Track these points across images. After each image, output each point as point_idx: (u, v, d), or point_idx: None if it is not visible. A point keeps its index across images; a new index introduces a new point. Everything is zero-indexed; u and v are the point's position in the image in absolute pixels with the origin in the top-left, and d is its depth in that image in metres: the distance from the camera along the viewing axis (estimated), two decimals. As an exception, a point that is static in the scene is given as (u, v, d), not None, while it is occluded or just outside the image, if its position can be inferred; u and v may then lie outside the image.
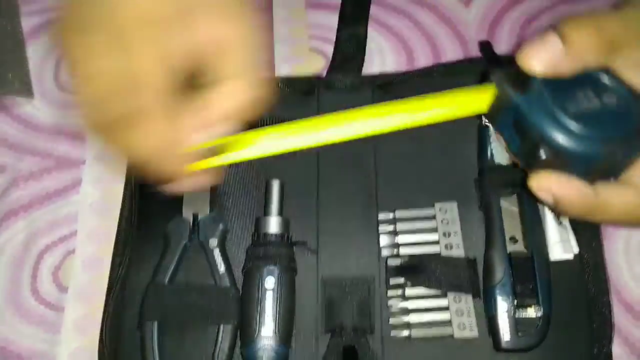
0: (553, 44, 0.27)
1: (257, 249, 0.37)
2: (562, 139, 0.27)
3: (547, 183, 0.29)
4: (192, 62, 0.26)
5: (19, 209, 0.41)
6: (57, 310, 0.38)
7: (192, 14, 0.26)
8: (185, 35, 0.26)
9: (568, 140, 0.27)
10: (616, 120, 0.28)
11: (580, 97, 0.28)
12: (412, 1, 0.48)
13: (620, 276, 0.38)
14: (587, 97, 0.28)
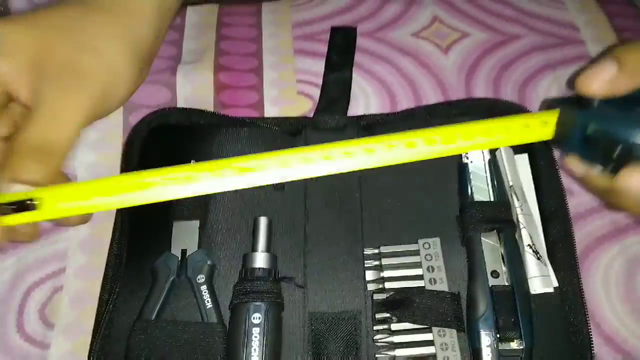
0: (609, 67, 0.31)
1: (244, 284, 0.37)
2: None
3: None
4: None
5: (8, 246, 0.41)
6: (43, 348, 0.38)
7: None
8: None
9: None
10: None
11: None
12: (394, 49, 0.51)
13: (599, 309, 0.39)
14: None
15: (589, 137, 0.32)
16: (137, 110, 0.47)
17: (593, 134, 0.32)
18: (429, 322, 0.37)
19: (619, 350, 0.38)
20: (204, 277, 0.38)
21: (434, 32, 0.52)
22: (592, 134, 0.32)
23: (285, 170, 0.34)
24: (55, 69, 0.35)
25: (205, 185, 0.34)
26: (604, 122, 0.32)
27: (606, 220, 0.42)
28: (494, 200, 0.40)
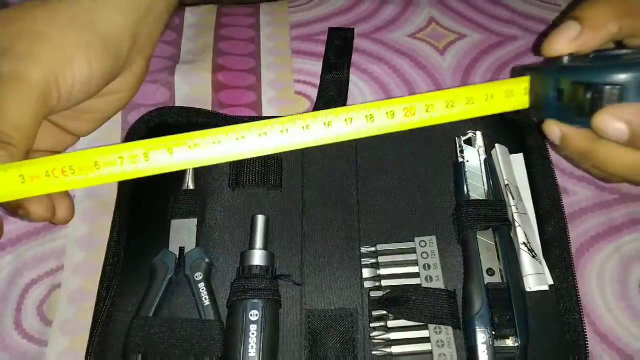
0: (572, 26, 0.31)
1: (242, 282, 0.37)
2: (611, 73, 0.29)
3: (619, 111, 0.29)
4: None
5: (6, 243, 0.41)
6: (40, 344, 0.38)
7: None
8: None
9: (617, 71, 0.29)
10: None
11: (613, 54, 0.31)
12: (391, 50, 0.51)
13: (594, 307, 0.40)
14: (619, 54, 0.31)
15: (561, 93, 0.32)
16: (135, 109, 0.47)
17: (565, 88, 0.32)
18: (425, 319, 0.37)
19: (614, 347, 0.39)
20: (202, 275, 0.38)
21: (430, 33, 0.52)
22: (565, 88, 0.32)
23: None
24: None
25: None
26: (573, 73, 0.31)
27: (601, 219, 0.43)
28: (490, 198, 0.40)
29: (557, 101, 0.33)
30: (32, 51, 0.35)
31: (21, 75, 0.34)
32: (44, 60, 0.35)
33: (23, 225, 0.42)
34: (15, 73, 0.34)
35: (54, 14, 0.37)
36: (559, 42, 0.32)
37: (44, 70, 0.35)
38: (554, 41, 0.32)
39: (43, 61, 0.35)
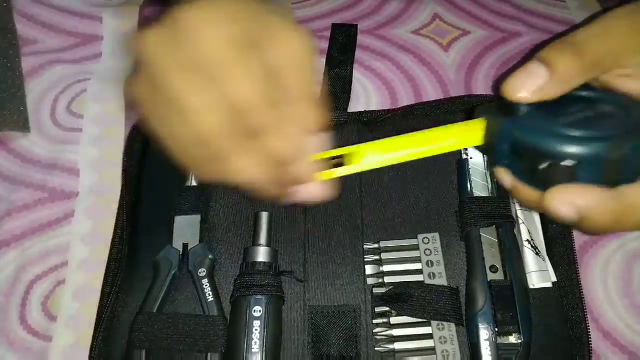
0: (538, 73, 0.28)
1: (245, 278, 0.37)
2: (564, 146, 0.27)
3: (568, 195, 0.27)
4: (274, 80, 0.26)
5: (10, 239, 0.41)
6: (45, 340, 0.38)
7: (269, 32, 0.26)
8: (269, 54, 0.26)
9: (571, 146, 0.26)
10: (614, 120, 0.28)
11: (573, 109, 0.28)
12: (395, 46, 0.51)
13: (597, 304, 0.40)
14: (579, 108, 0.28)
15: (515, 148, 0.29)
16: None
17: (519, 146, 0.29)
18: (428, 316, 0.37)
19: (617, 344, 0.39)
20: (205, 271, 0.38)
21: (434, 29, 0.52)
22: (517, 145, 0.29)
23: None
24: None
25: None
26: (529, 133, 0.28)
27: (605, 216, 0.43)
28: (493, 195, 0.40)
29: (510, 153, 0.29)
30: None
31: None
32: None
33: (27, 222, 0.42)
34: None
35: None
36: (524, 88, 0.28)
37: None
38: (519, 86, 0.28)
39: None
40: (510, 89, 0.28)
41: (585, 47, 0.28)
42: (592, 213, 0.27)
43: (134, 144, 0.43)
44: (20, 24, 0.51)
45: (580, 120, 0.28)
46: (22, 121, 0.46)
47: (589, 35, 0.28)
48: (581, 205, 0.27)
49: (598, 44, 0.28)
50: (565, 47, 0.28)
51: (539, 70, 0.28)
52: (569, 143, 0.27)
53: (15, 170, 0.44)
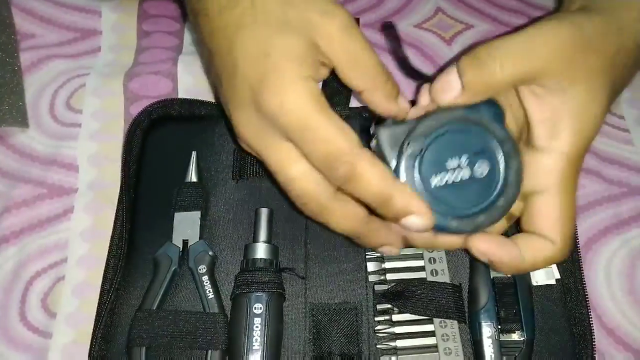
0: (453, 85, 0.30)
1: (246, 275, 0.37)
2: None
3: (484, 246, 0.31)
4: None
5: (10, 235, 0.41)
6: (45, 337, 0.38)
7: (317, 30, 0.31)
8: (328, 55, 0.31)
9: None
10: (476, 193, 0.30)
11: (452, 165, 0.30)
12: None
13: (601, 301, 0.39)
14: (459, 166, 0.30)
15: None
16: (138, 100, 0.47)
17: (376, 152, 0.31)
18: (430, 313, 0.37)
19: (621, 342, 0.38)
20: (206, 268, 0.38)
21: (437, 23, 0.51)
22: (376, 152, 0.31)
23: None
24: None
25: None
26: (379, 143, 0.31)
27: (609, 213, 0.42)
28: (497, 192, 0.40)
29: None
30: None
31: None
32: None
33: (26, 218, 0.42)
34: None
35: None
36: (442, 97, 0.31)
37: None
38: (439, 93, 0.31)
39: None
40: (434, 94, 0.31)
41: (501, 67, 0.29)
42: (497, 263, 0.31)
43: (134, 139, 0.43)
44: (18, 18, 0.50)
45: (447, 185, 0.30)
46: (21, 116, 0.45)
47: (509, 53, 0.30)
48: (491, 257, 0.31)
49: (515, 65, 0.30)
50: (481, 64, 0.30)
51: (455, 82, 0.30)
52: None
53: (14, 166, 0.44)
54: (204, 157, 0.42)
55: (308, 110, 0.29)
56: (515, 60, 0.30)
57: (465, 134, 0.30)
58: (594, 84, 0.30)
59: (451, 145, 0.30)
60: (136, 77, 0.47)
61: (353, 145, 0.29)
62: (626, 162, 0.44)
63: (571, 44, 0.30)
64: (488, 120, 0.30)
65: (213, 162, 0.42)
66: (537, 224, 0.32)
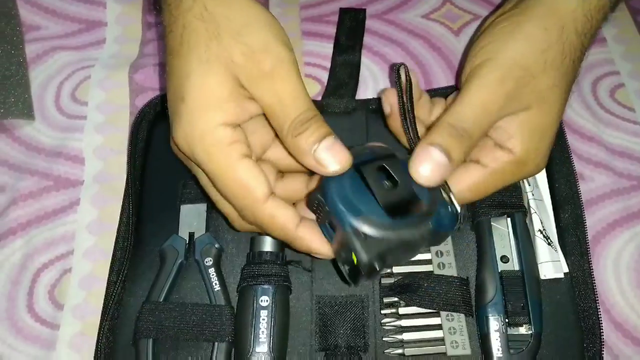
0: (442, 163, 0.30)
1: (252, 267, 0.37)
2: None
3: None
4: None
5: (17, 227, 0.41)
6: (53, 328, 0.38)
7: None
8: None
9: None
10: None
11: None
12: (404, 31, 0.50)
13: (609, 295, 0.39)
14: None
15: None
16: (143, 92, 0.46)
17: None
18: (437, 306, 0.36)
19: (629, 336, 0.38)
20: (212, 260, 0.38)
21: (445, 13, 0.51)
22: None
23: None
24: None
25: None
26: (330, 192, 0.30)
27: (618, 206, 0.42)
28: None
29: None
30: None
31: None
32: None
33: (33, 210, 0.42)
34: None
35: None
36: (433, 177, 0.31)
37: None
38: (428, 173, 0.31)
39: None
40: (417, 173, 0.30)
41: (474, 134, 0.31)
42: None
43: (139, 131, 0.43)
44: (23, 10, 0.50)
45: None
46: (27, 109, 0.45)
47: (474, 121, 0.31)
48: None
49: (481, 127, 0.32)
50: (460, 138, 0.31)
51: (440, 158, 0.30)
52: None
53: (20, 159, 0.44)
54: (210, 150, 0.42)
55: (214, 164, 0.30)
56: (480, 127, 0.32)
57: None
58: (546, 104, 0.33)
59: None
60: (141, 68, 0.47)
61: (255, 199, 0.30)
62: (636, 154, 0.44)
63: (514, 86, 0.32)
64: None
65: (219, 154, 0.42)
66: (500, 136, 0.33)
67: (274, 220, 0.31)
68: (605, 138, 0.45)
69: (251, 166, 0.30)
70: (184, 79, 0.31)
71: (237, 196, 0.31)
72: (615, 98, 0.47)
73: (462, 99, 0.32)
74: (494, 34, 0.34)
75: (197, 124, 0.30)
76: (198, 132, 0.30)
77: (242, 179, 0.30)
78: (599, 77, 0.48)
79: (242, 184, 0.30)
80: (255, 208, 0.31)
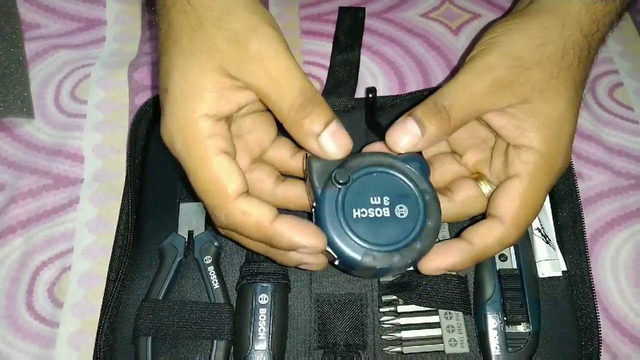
0: (413, 132, 0.31)
1: (251, 266, 0.37)
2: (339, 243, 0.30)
3: (431, 266, 0.32)
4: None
5: (16, 225, 0.41)
6: (52, 326, 0.38)
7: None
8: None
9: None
10: (393, 233, 0.30)
11: (375, 202, 0.31)
12: (403, 30, 0.50)
13: (607, 293, 0.39)
14: (381, 204, 0.31)
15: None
16: (143, 91, 0.46)
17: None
18: (436, 304, 0.37)
19: (627, 334, 0.38)
20: (211, 258, 0.38)
21: (444, 12, 0.51)
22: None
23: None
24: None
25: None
26: (320, 205, 0.31)
27: (616, 205, 0.42)
28: (503, 183, 0.40)
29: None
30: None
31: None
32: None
33: (33, 208, 0.42)
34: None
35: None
36: (400, 143, 0.31)
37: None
38: (397, 140, 0.31)
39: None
40: (391, 141, 0.31)
41: (452, 112, 0.31)
42: (460, 267, 0.32)
43: (139, 130, 0.43)
44: (23, 8, 0.50)
45: (365, 221, 0.30)
46: (26, 107, 0.45)
47: (455, 99, 0.31)
48: (449, 267, 0.32)
49: (462, 108, 0.31)
50: (436, 113, 0.31)
51: (414, 129, 0.31)
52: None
53: (20, 157, 0.44)
54: (209, 148, 0.42)
55: (189, 156, 0.29)
56: (461, 108, 0.31)
57: (391, 179, 0.31)
58: (545, 94, 0.32)
59: (376, 185, 0.31)
60: (141, 67, 0.47)
61: (226, 196, 0.29)
62: (634, 153, 0.44)
63: (503, 72, 0.31)
64: (413, 172, 0.32)
65: (218, 152, 0.42)
66: (494, 202, 0.32)
67: (246, 217, 0.29)
68: (604, 137, 0.45)
69: (226, 162, 0.29)
70: (169, 72, 0.30)
71: (207, 193, 0.30)
72: (613, 97, 0.47)
73: (450, 82, 0.32)
74: (492, 31, 0.34)
75: (178, 115, 0.30)
76: (178, 124, 0.30)
77: (215, 173, 0.29)
78: (598, 75, 0.48)
79: (213, 179, 0.29)
80: (227, 206, 0.29)
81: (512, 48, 0.32)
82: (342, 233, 0.30)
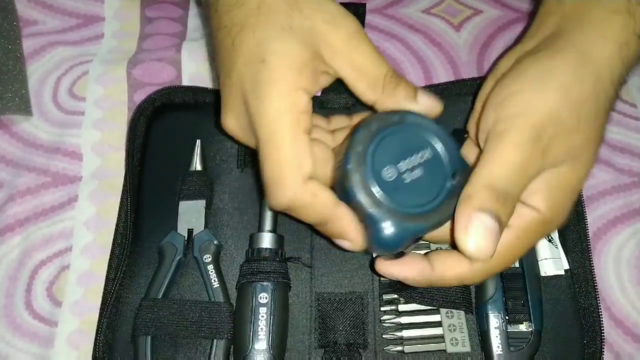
0: (494, 230, 0.28)
1: (251, 264, 0.37)
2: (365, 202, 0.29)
3: (387, 269, 0.32)
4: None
5: (15, 224, 0.41)
6: (51, 325, 0.38)
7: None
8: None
9: (369, 205, 0.29)
10: (425, 194, 0.30)
11: (405, 164, 0.30)
12: (405, 26, 0.49)
13: (610, 292, 0.39)
14: (411, 165, 0.30)
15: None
16: (142, 88, 0.46)
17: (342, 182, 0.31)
18: (437, 303, 0.36)
19: (629, 333, 0.38)
20: (211, 257, 0.38)
21: (446, 8, 0.50)
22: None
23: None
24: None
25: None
26: (347, 172, 0.29)
27: (619, 203, 0.42)
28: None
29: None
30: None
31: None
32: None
33: (31, 207, 0.42)
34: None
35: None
36: (483, 248, 0.28)
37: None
38: (478, 245, 0.28)
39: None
40: (469, 249, 0.28)
41: (515, 196, 0.29)
42: (410, 281, 0.32)
43: (138, 127, 0.42)
44: (20, 4, 0.50)
45: (397, 182, 0.30)
46: (24, 104, 0.45)
47: (517, 184, 0.29)
48: (400, 276, 0.32)
49: (522, 190, 0.29)
50: (507, 202, 0.28)
51: (494, 226, 0.28)
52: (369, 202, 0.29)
53: (18, 155, 0.44)
54: (209, 145, 0.42)
55: (278, 128, 0.29)
56: (520, 189, 0.29)
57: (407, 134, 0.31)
58: (578, 161, 0.30)
59: (399, 145, 0.30)
60: (140, 64, 0.47)
61: (303, 177, 0.29)
62: (637, 151, 0.44)
63: (541, 147, 0.29)
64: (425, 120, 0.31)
65: (218, 150, 0.42)
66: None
67: (314, 200, 0.29)
68: (607, 134, 0.44)
69: (308, 142, 0.30)
70: (265, 42, 0.30)
71: (283, 168, 0.29)
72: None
73: (497, 158, 0.29)
74: (522, 80, 0.30)
75: (277, 85, 0.29)
76: (276, 93, 0.29)
77: (298, 150, 0.29)
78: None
79: (294, 155, 0.29)
80: (299, 185, 0.29)
81: (553, 113, 0.29)
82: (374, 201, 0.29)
